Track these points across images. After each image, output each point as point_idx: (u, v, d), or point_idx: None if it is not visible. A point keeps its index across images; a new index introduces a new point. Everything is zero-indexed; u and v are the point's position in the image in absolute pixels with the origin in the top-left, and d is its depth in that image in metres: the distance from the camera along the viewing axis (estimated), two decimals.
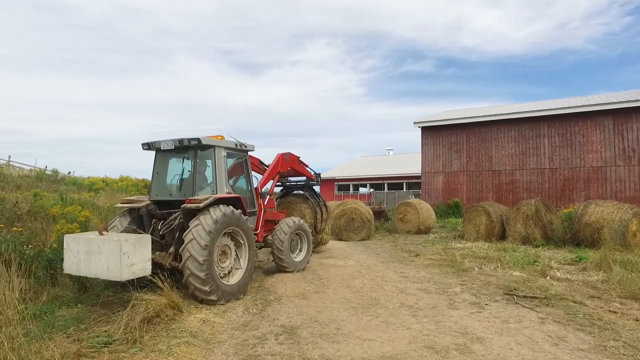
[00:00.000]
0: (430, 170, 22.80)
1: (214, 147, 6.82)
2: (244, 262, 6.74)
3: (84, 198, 12.21)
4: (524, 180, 19.98)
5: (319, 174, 11.11)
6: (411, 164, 36.09)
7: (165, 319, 5.16)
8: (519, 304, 5.95)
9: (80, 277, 6.75)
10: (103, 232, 5.76)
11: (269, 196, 8.82)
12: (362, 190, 39.20)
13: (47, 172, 20.65)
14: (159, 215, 6.75)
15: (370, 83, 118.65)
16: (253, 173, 8.20)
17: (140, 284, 5.94)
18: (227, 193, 6.78)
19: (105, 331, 4.80)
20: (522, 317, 5.36)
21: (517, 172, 20.21)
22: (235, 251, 6.69)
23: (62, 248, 6.86)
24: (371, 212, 15.37)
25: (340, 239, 14.87)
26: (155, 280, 5.59)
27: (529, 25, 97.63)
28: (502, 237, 13.07)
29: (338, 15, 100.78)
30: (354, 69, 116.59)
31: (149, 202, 6.83)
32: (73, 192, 14.74)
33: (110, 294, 6.41)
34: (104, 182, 19.34)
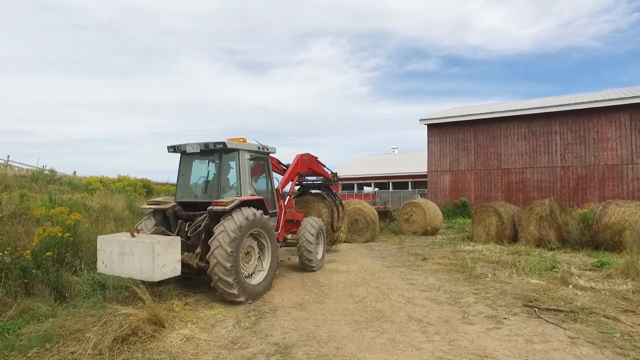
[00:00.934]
0: (436, 169, 22.08)
1: (238, 150, 6.95)
2: (267, 262, 6.91)
3: (75, 199, 11.66)
4: (535, 179, 19.22)
5: (336, 173, 11.37)
6: (416, 163, 35.43)
7: (143, 337, 4.57)
8: (542, 318, 5.29)
9: (58, 286, 6.37)
10: (135, 234, 5.91)
11: (288, 197, 8.92)
12: (366, 189, 38.56)
13: (45, 171, 20.18)
14: (185, 217, 6.94)
15: (375, 82, 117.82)
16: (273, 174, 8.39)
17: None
18: (251, 195, 6.92)
19: (73, 352, 4.22)
20: (548, 335, 4.71)
21: (527, 170, 19.45)
22: (259, 251, 6.84)
23: (44, 254, 6.57)
24: (376, 213, 14.74)
25: (344, 241, 14.25)
26: (138, 291, 5.04)
27: (535, 23, 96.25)
28: (514, 239, 12.39)
29: (342, 15, 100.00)
30: (358, 68, 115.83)
31: (174, 203, 7.00)
32: (68, 192, 14.24)
33: (90, 305, 5.87)
34: (100, 182, 18.82)
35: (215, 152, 6.95)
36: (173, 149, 7.25)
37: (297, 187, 11.07)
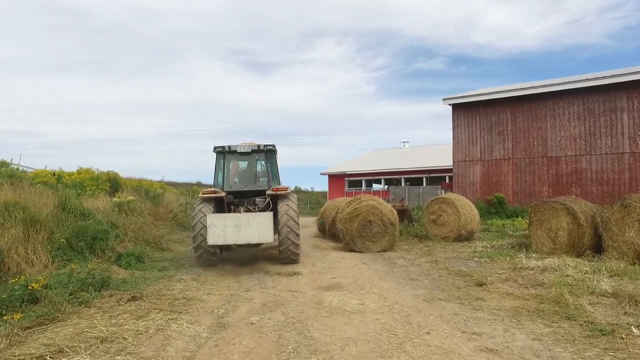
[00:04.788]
0: (464, 159, 18.22)
1: (275, 150, 9.11)
2: None
3: None
4: (593, 169, 15.29)
5: None
6: (430, 157, 31.91)
7: None
8: None
9: None
10: (241, 212, 8.10)
11: None
12: (375, 186, 34.86)
13: None
14: (236, 203, 8.63)
15: (381, 81, 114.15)
16: None
17: None
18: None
19: None
20: None
21: (582, 158, 15.52)
22: None
23: None
24: (395, 213, 11.07)
25: (352, 250, 10.60)
26: None
27: (542, 20, 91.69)
28: (596, 249, 8.67)
29: (348, 14, 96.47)
30: (364, 67, 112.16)
31: (225, 193, 8.41)
32: None
33: None
34: (54, 175, 15.50)
35: (261, 151, 8.81)
36: (221, 148, 8.61)
37: None
